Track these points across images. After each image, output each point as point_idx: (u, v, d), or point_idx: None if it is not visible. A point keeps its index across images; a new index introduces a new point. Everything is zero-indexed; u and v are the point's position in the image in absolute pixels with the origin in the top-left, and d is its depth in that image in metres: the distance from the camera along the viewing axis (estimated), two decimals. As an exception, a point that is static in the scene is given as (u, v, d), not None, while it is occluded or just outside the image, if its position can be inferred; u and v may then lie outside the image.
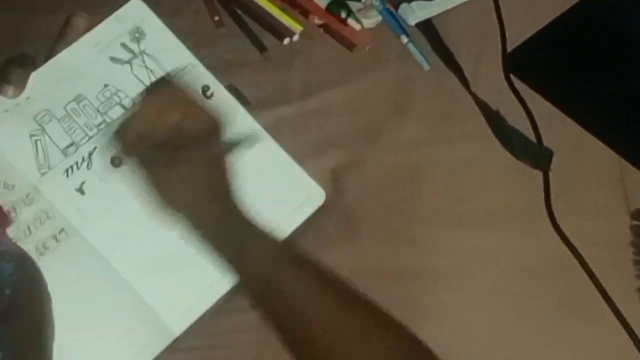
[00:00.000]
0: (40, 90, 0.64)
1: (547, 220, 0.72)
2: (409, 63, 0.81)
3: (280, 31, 0.82)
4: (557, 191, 0.74)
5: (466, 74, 0.80)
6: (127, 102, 0.65)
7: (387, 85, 0.80)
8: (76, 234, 0.62)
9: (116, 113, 0.65)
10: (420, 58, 0.81)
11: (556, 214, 0.73)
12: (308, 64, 0.80)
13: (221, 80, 0.64)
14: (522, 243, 0.72)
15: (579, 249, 0.71)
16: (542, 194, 0.74)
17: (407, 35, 0.82)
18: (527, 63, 0.80)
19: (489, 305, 0.69)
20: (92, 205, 0.63)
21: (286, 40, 0.82)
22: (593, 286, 0.69)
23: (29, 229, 0.62)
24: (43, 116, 0.64)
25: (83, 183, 0.64)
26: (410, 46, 0.82)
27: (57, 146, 0.64)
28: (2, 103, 0.63)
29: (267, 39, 0.82)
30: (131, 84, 0.66)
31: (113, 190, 0.64)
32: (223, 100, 0.64)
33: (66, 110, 0.64)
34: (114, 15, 0.66)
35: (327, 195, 0.69)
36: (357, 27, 0.83)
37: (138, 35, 0.65)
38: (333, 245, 0.69)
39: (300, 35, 0.83)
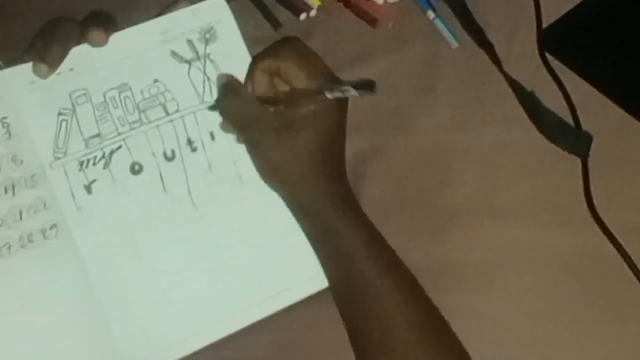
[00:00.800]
0: (86, 65, 0.59)
1: (587, 210, 0.69)
2: (435, 40, 0.78)
3: (296, 5, 0.79)
4: (597, 179, 0.70)
5: (498, 52, 0.76)
6: (170, 106, 0.61)
7: (412, 65, 0.77)
8: (67, 235, 0.58)
9: (155, 114, 0.61)
10: (448, 35, 0.78)
11: (596, 204, 0.69)
12: (326, 42, 0.77)
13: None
14: (559, 235, 0.68)
15: (622, 243, 0.67)
16: (581, 182, 0.70)
17: (434, 10, 0.79)
18: (564, 40, 0.77)
19: (524, 304, 0.66)
20: (94, 208, 0.59)
21: (303, 16, 0.79)
22: (638, 283, 0.65)
23: (20, 214, 0.58)
24: (79, 95, 0.59)
25: (93, 181, 0.59)
26: (438, 22, 0.78)
27: (82, 133, 0.59)
28: None
29: (282, 14, 0.79)
30: (182, 87, 0.61)
31: (122, 199, 0.60)
32: None
33: (104, 97, 0.60)
34: (191, 7, 0.61)
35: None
36: (380, 1, 0.80)
37: (209, 36, 0.61)
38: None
39: (318, 10, 0.80)
